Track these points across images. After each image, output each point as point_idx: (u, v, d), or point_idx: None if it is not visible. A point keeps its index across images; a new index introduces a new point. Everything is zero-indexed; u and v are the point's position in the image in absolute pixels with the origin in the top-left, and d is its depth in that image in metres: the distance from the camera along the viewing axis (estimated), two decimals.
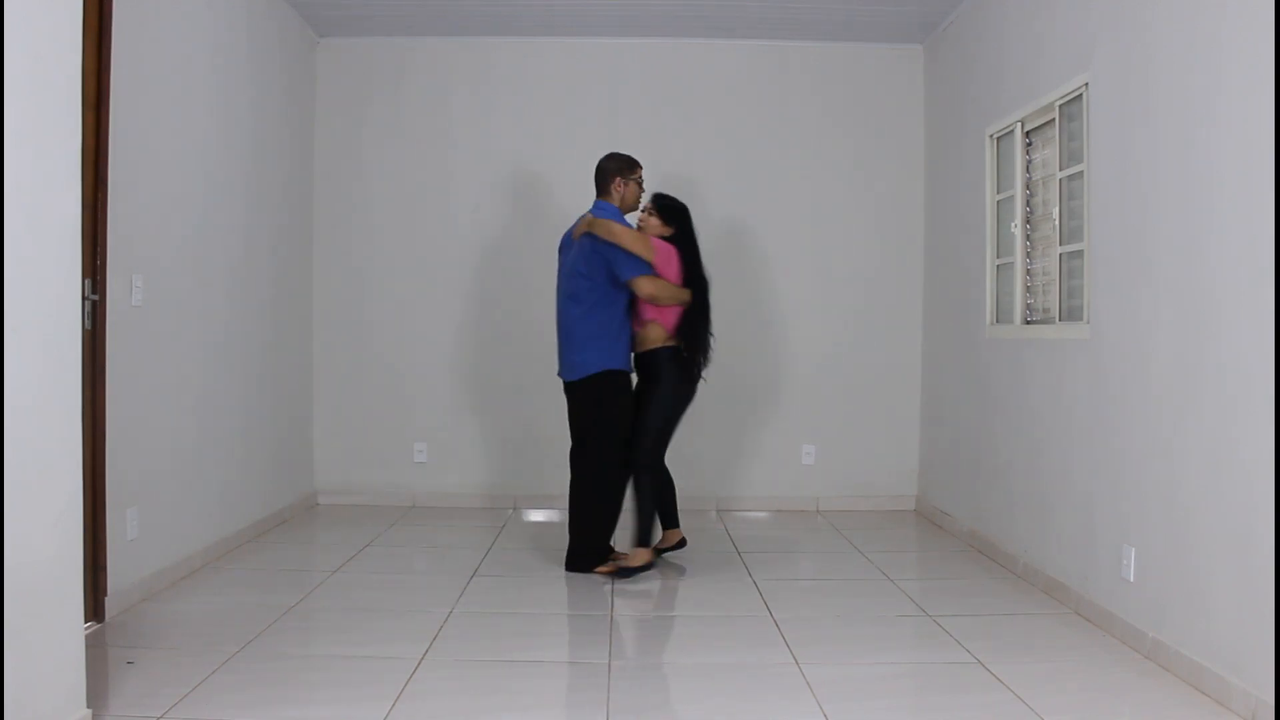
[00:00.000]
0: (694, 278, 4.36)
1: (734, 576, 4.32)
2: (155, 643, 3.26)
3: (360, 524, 5.30)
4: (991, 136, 4.78)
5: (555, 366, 5.86)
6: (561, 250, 4.58)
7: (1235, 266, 2.81)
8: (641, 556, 4.31)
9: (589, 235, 4.29)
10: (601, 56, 5.92)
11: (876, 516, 5.73)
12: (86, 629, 2.89)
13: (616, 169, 4.44)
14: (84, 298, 3.10)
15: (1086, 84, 3.77)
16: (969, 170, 5.09)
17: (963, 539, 5.05)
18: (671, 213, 4.40)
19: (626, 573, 4.29)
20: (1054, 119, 4.12)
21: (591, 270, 4.27)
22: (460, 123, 5.92)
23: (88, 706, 2.48)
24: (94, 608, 3.39)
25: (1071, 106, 3.99)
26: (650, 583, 4.26)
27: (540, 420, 5.92)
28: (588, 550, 4.35)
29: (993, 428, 4.71)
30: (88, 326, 3.33)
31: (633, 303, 4.35)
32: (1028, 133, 4.44)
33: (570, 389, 4.41)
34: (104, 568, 3.44)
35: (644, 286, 4.23)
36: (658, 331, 4.32)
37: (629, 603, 3.92)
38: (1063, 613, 3.75)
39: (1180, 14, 3.12)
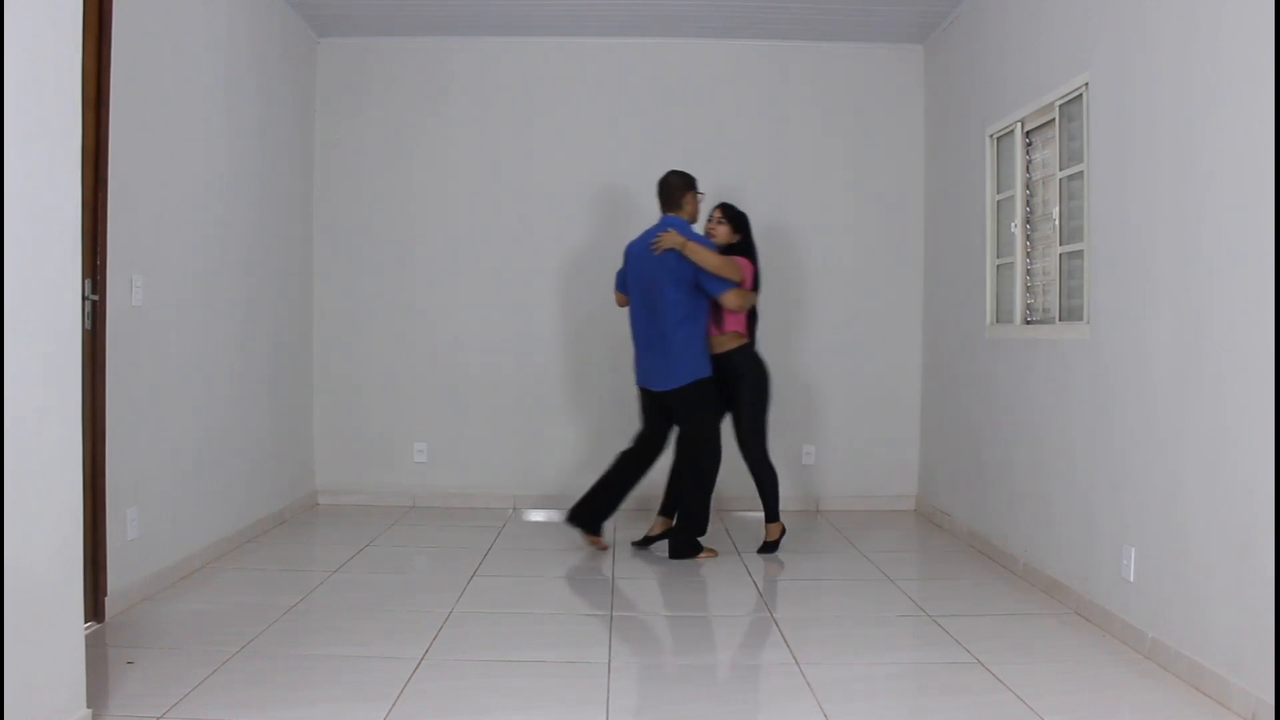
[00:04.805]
0: (758, 281, 4.75)
1: (734, 576, 4.32)
2: (155, 643, 3.26)
3: (360, 524, 5.30)
4: (991, 136, 4.79)
5: (554, 367, 5.91)
6: (631, 259, 4.69)
7: (1235, 266, 2.81)
8: (777, 529, 4.76)
9: (674, 252, 4.46)
10: (601, 56, 5.92)
11: (876, 516, 5.73)
12: (86, 629, 2.89)
13: (686, 184, 4.66)
14: (84, 298, 3.10)
15: (1086, 84, 3.77)
16: (969, 170, 5.09)
17: (963, 539, 5.05)
18: (739, 220, 4.77)
19: (772, 547, 4.73)
20: (1054, 119, 4.12)
21: (681, 284, 4.49)
22: (459, 123, 5.91)
23: (88, 706, 2.48)
24: (94, 608, 3.39)
25: (1071, 106, 3.99)
26: (649, 581, 4.27)
27: (541, 420, 5.92)
28: (692, 539, 4.61)
29: (993, 428, 4.71)
30: (88, 326, 3.33)
31: (715, 310, 4.63)
32: (1028, 133, 4.44)
33: (662, 398, 4.60)
34: (104, 568, 3.44)
35: (731, 301, 4.53)
36: (732, 336, 4.66)
37: (629, 603, 3.93)
38: (1063, 613, 3.75)
39: (1180, 14, 3.12)
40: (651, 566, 4.52)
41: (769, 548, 4.73)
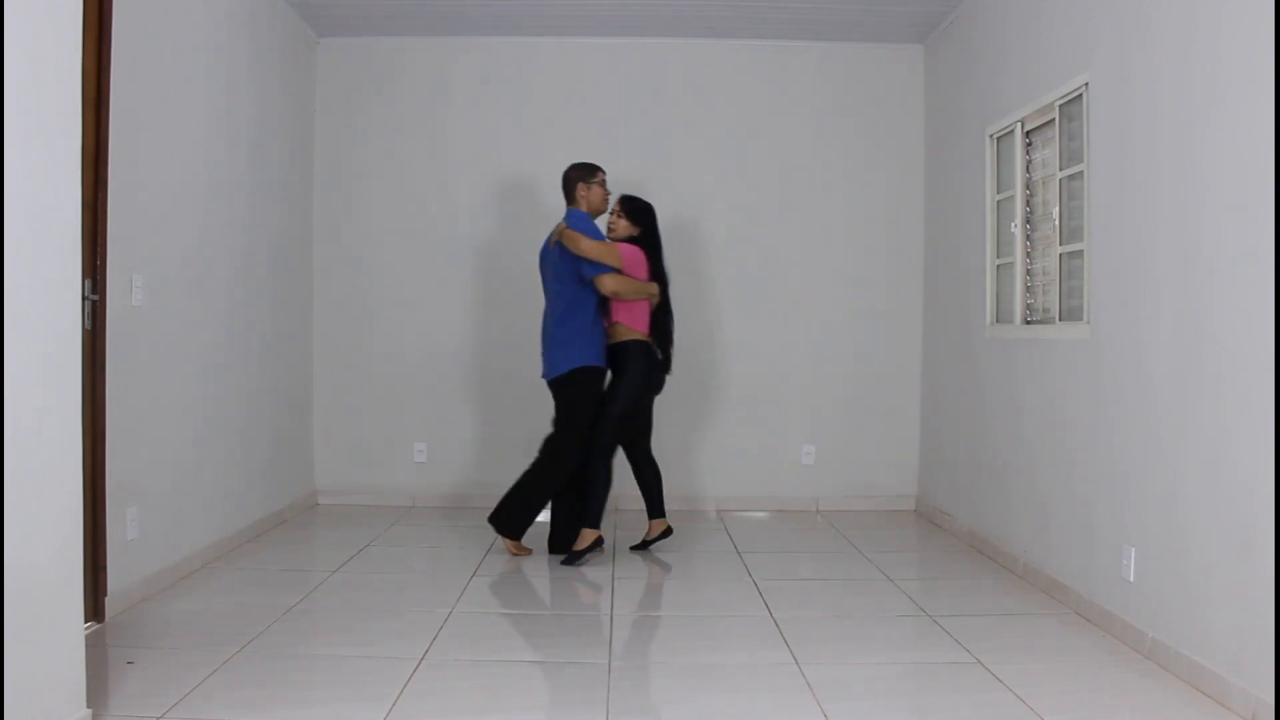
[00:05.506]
0: (659, 274, 4.63)
1: (734, 576, 4.32)
2: (155, 643, 3.26)
3: (360, 524, 5.30)
4: (991, 136, 4.79)
5: None
6: (542, 257, 4.75)
7: (1235, 266, 2.81)
8: (589, 538, 4.49)
9: (561, 243, 4.49)
10: (601, 56, 5.92)
11: (876, 516, 5.73)
12: (86, 629, 2.89)
13: (578, 176, 4.66)
14: (84, 298, 3.10)
15: (1086, 84, 3.77)
16: (969, 170, 5.09)
17: (963, 539, 5.05)
18: (638, 213, 4.68)
19: (576, 556, 4.47)
20: (1054, 119, 4.12)
21: (566, 275, 4.50)
22: (459, 122, 5.92)
23: (88, 706, 2.48)
24: (94, 608, 3.39)
25: (1071, 106, 3.99)
26: (649, 581, 4.27)
27: (540, 420, 5.90)
28: (513, 519, 4.58)
29: (993, 427, 4.71)
30: (88, 326, 3.33)
31: (603, 302, 4.55)
32: (1028, 133, 4.44)
33: (550, 386, 4.63)
34: (104, 568, 3.44)
35: (606, 284, 4.45)
36: (622, 328, 4.54)
37: (628, 603, 3.93)
38: (1063, 613, 3.75)
39: (1180, 14, 3.12)
40: (651, 567, 4.52)
41: (574, 557, 4.45)
